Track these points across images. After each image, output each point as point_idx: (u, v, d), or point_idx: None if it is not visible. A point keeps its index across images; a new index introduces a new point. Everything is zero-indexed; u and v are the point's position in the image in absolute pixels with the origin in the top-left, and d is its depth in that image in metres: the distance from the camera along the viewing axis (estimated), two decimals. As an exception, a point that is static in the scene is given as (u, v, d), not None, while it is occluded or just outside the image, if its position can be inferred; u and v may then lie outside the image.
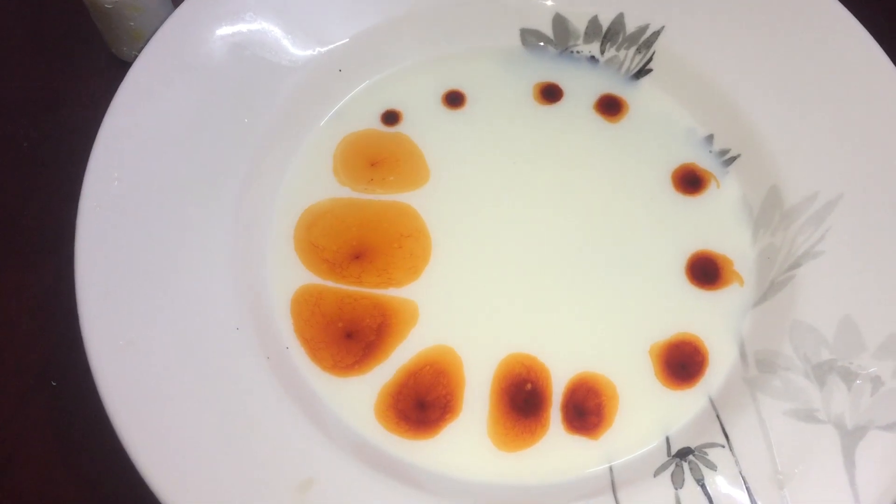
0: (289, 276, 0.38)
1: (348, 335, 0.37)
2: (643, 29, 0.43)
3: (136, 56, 0.39)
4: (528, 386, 0.36)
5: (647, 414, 0.36)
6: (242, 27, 0.40)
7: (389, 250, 0.39)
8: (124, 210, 0.36)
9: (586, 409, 0.36)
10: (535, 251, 0.39)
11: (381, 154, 0.41)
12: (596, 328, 0.37)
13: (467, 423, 0.35)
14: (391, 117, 0.42)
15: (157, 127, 0.38)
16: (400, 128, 0.42)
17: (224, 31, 0.40)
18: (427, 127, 0.42)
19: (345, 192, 0.40)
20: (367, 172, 0.41)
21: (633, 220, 0.40)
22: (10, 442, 0.37)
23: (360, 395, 0.36)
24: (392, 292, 0.38)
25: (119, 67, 0.43)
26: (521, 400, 0.36)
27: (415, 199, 0.40)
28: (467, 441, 0.35)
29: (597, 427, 0.35)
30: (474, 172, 0.41)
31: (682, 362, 0.37)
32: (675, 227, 0.39)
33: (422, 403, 0.36)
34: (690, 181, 0.41)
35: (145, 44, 0.39)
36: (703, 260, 0.39)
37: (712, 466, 0.33)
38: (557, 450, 0.35)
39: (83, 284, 0.34)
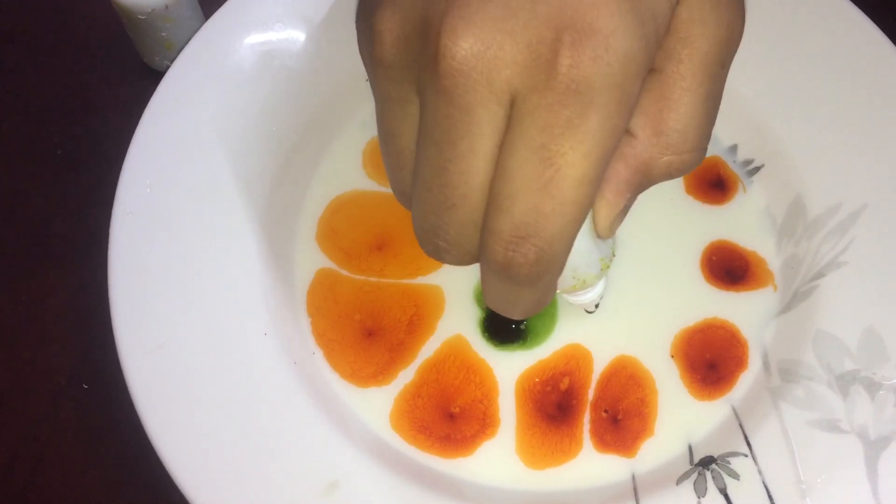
0: (310, 269, 0.39)
1: (369, 333, 0.37)
2: (667, 40, 0.43)
3: (167, 65, 0.40)
4: (566, 381, 0.36)
5: (672, 421, 0.36)
6: (272, 37, 0.41)
7: (416, 240, 0.39)
8: (156, 216, 0.36)
9: (625, 410, 0.36)
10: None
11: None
12: (621, 331, 0.38)
13: (500, 438, 0.36)
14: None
15: (188, 135, 0.38)
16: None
17: (254, 41, 0.40)
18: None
19: (372, 185, 0.41)
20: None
21: (652, 227, 0.40)
22: (41, 443, 0.38)
23: (383, 402, 0.36)
24: (419, 280, 0.38)
25: (151, 76, 0.44)
26: (554, 405, 0.36)
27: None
28: (498, 458, 0.35)
29: (639, 434, 0.35)
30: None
31: (712, 361, 0.37)
32: (699, 235, 0.40)
33: (451, 415, 0.36)
34: (715, 184, 0.41)
35: (177, 54, 0.40)
36: (730, 264, 0.39)
37: (735, 475, 0.33)
38: (586, 464, 0.35)
39: (116, 289, 0.35)
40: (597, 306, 0.37)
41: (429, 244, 0.26)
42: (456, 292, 0.38)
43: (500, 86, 0.22)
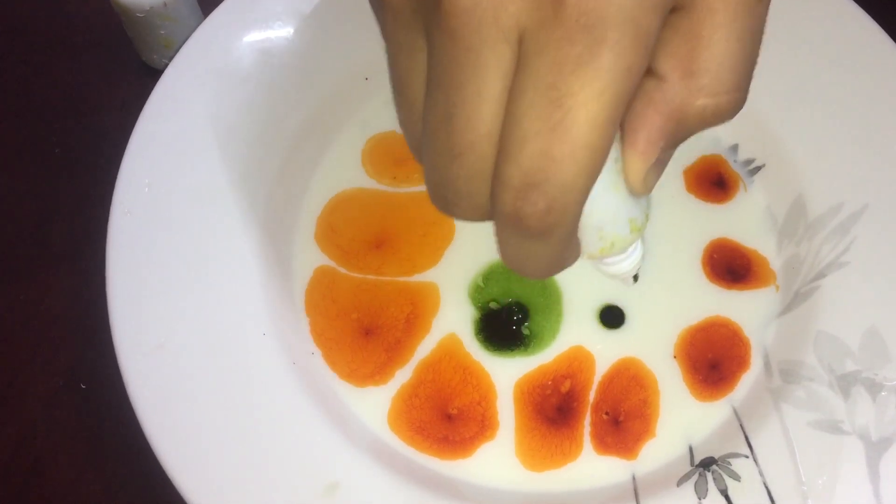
0: (308, 267, 0.39)
1: (367, 332, 0.37)
2: (668, 39, 0.43)
3: (166, 64, 0.40)
4: (567, 383, 0.36)
5: (673, 422, 0.36)
6: (271, 35, 0.41)
7: (414, 238, 0.39)
8: (154, 216, 0.36)
9: (626, 412, 0.36)
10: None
11: (405, 154, 0.41)
12: (624, 332, 0.37)
13: (499, 441, 0.36)
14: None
15: (186, 134, 0.38)
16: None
17: (252, 39, 0.40)
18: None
19: (371, 184, 0.41)
20: (390, 170, 0.41)
21: (653, 225, 0.39)
22: (39, 443, 0.38)
23: (380, 402, 0.36)
24: (416, 278, 0.38)
25: (149, 75, 0.43)
26: (554, 408, 0.36)
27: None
28: (497, 460, 0.35)
29: (640, 436, 0.35)
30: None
31: (715, 361, 0.37)
32: (700, 234, 0.39)
33: (448, 416, 0.36)
34: (716, 183, 0.41)
35: (176, 52, 0.40)
36: (732, 263, 0.39)
37: (736, 477, 0.33)
38: (586, 465, 0.35)
39: (114, 289, 0.35)
40: (636, 278, 0.36)
41: (438, 198, 0.24)
42: (451, 290, 0.38)
43: (508, 23, 0.21)
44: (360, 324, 0.37)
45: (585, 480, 0.35)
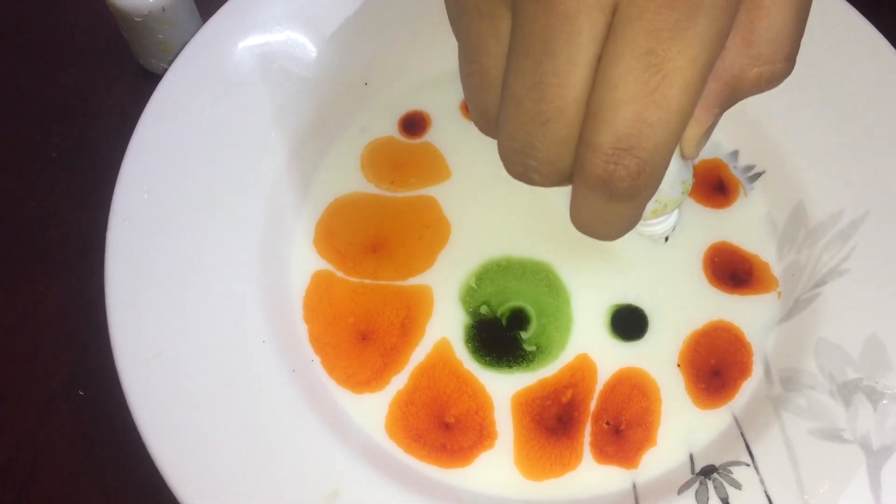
0: (307, 273, 0.39)
1: (363, 337, 0.37)
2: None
3: (164, 68, 0.40)
4: (569, 393, 0.36)
5: (673, 430, 0.35)
6: (270, 40, 0.40)
7: (410, 241, 0.39)
8: (153, 222, 0.36)
9: (628, 421, 0.35)
10: (564, 248, 0.39)
11: (403, 159, 0.42)
12: (627, 341, 0.37)
13: (498, 450, 0.35)
14: (415, 127, 0.43)
15: (185, 140, 0.38)
16: (424, 137, 0.42)
17: (252, 44, 0.40)
18: (449, 134, 0.42)
19: (370, 189, 0.41)
20: (389, 174, 0.41)
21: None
22: (36, 449, 0.37)
23: (378, 409, 0.36)
24: (410, 281, 0.38)
25: (148, 79, 0.43)
26: (554, 418, 0.36)
27: (435, 193, 0.41)
28: (496, 468, 0.35)
29: (641, 445, 0.35)
30: (495, 172, 0.41)
31: (717, 368, 0.37)
32: (701, 238, 0.39)
33: (446, 424, 0.36)
34: (717, 188, 0.40)
35: (174, 56, 0.39)
36: (733, 267, 0.39)
37: (737, 485, 0.33)
38: (587, 474, 0.35)
39: (113, 296, 0.34)
40: (666, 239, 0.35)
41: (517, 164, 0.24)
42: (445, 293, 0.38)
43: None
44: (357, 328, 0.37)
45: (586, 489, 0.35)
